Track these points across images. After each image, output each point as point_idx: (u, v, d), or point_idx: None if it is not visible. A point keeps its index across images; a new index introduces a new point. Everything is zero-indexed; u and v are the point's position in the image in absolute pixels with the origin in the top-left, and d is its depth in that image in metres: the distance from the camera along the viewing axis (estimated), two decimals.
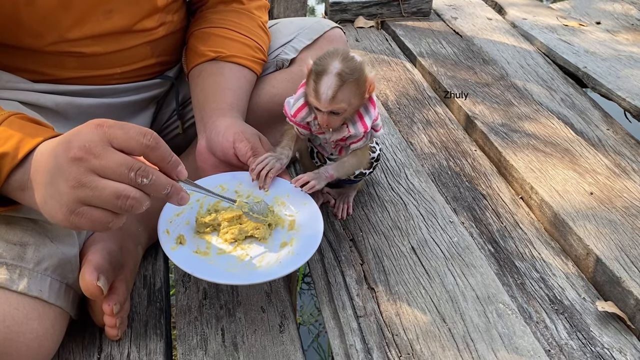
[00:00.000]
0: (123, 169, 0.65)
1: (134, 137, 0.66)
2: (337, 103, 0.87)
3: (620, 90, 1.60)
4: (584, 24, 2.12)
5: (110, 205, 0.66)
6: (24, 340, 0.73)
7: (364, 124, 0.92)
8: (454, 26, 2.10)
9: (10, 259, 0.75)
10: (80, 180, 0.64)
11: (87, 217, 0.66)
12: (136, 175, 0.66)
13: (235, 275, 0.82)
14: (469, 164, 1.34)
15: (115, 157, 0.65)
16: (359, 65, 0.88)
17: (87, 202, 0.65)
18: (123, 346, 0.85)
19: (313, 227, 0.88)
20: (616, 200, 1.16)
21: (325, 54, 0.89)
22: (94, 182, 0.64)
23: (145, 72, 1.06)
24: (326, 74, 0.86)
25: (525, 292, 1.00)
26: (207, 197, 0.91)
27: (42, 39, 0.90)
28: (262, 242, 0.88)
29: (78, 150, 0.64)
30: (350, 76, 0.86)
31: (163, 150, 0.68)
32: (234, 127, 0.93)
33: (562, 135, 1.40)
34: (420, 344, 0.85)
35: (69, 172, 0.64)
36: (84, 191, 0.64)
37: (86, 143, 0.64)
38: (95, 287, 0.78)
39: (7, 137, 0.70)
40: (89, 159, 0.64)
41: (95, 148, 0.64)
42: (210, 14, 1.09)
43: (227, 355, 0.84)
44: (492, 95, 1.59)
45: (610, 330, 0.93)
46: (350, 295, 0.94)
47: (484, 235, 1.12)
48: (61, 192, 0.65)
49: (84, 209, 0.65)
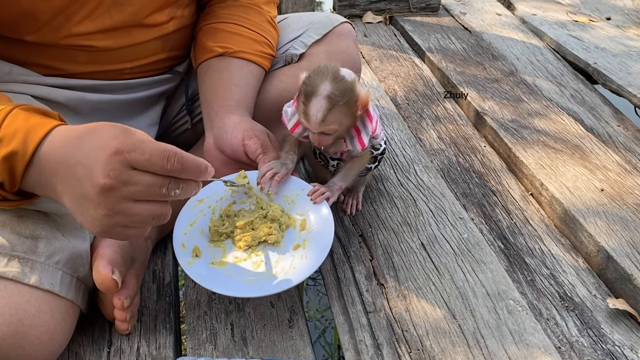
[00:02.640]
0: (155, 189, 0.65)
1: (158, 162, 0.64)
2: (327, 125, 0.86)
3: (631, 87, 1.59)
4: (594, 20, 2.11)
5: (146, 224, 0.69)
6: (35, 333, 0.73)
7: (361, 142, 0.91)
8: (463, 21, 2.09)
9: (22, 252, 0.75)
10: (114, 209, 0.65)
11: (122, 235, 0.68)
12: (168, 190, 0.66)
13: (252, 288, 0.83)
14: (478, 160, 1.34)
15: (144, 180, 0.65)
16: (349, 85, 0.85)
17: (123, 225, 0.67)
18: (133, 340, 0.86)
19: (324, 226, 0.88)
20: (627, 197, 1.16)
21: (315, 73, 0.86)
22: (129, 210, 0.65)
23: (155, 67, 1.06)
24: (315, 96, 0.84)
25: (536, 288, 0.99)
26: (218, 202, 0.94)
27: (55, 32, 0.90)
28: (275, 246, 0.89)
29: (105, 179, 0.63)
30: (340, 99, 0.84)
31: (189, 166, 0.67)
32: (243, 125, 0.93)
33: (572, 131, 1.39)
34: (430, 340, 0.85)
35: (99, 201, 0.64)
36: (119, 218, 0.66)
37: (110, 172, 0.63)
38: (111, 280, 0.79)
39: (13, 132, 0.69)
40: (118, 187, 0.64)
41: (121, 176, 0.63)
42: (219, 9, 1.09)
43: (237, 350, 0.84)
44: (501, 91, 1.58)
45: (622, 328, 0.92)
46: (359, 291, 0.93)
47: (494, 232, 1.12)
48: (93, 217, 0.66)
49: (118, 229, 0.67)
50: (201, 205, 0.93)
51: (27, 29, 0.89)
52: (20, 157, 0.68)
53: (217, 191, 0.94)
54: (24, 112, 0.72)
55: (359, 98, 0.87)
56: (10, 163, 0.69)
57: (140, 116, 1.09)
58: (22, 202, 0.75)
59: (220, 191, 0.95)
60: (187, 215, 0.91)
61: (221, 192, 0.95)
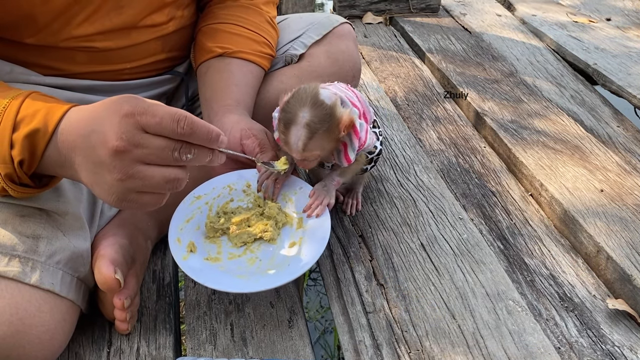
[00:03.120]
0: (167, 152, 0.66)
1: (168, 126, 0.64)
2: (309, 152, 0.84)
3: (631, 87, 1.59)
4: (594, 20, 2.11)
5: (161, 189, 0.68)
6: (35, 333, 0.73)
7: (347, 158, 0.91)
8: (463, 22, 2.09)
9: (22, 251, 0.75)
10: (127, 172, 0.65)
11: (138, 202, 0.68)
12: (180, 154, 0.66)
13: (245, 283, 0.82)
14: (478, 160, 1.34)
15: (156, 143, 0.65)
16: (329, 110, 0.83)
17: (137, 190, 0.67)
18: (132, 340, 0.86)
19: (321, 225, 0.88)
20: (627, 198, 1.16)
21: (294, 98, 0.83)
22: (141, 172, 0.65)
23: (155, 68, 1.06)
24: (294, 125, 0.82)
25: (535, 289, 0.99)
26: (215, 199, 0.93)
27: (55, 35, 0.90)
28: (271, 243, 0.88)
29: (117, 141, 0.63)
30: (320, 126, 0.82)
31: (200, 131, 0.67)
32: (241, 124, 0.94)
33: (572, 132, 1.39)
34: (430, 340, 0.85)
35: (113, 165, 0.65)
36: (133, 182, 0.65)
37: (123, 135, 0.64)
38: (113, 280, 0.79)
39: (33, 112, 0.70)
40: (130, 149, 0.64)
41: (134, 138, 0.64)
42: (218, 9, 1.09)
43: (237, 350, 0.85)
44: (501, 92, 1.59)
45: (621, 328, 0.92)
46: (359, 291, 0.93)
47: (494, 232, 1.12)
48: (109, 184, 0.66)
49: (133, 196, 0.67)
50: (198, 202, 0.93)
51: (27, 32, 0.89)
52: (42, 134, 0.69)
53: (215, 188, 0.95)
54: (41, 96, 0.73)
55: (341, 121, 0.84)
56: (32, 140, 0.70)
57: None
58: (32, 190, 0.76)
59: (218, 188, 0.95)
60: (184, 211, 0.91)
61: (219, 190, 0.95)
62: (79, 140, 0.68)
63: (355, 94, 0.96)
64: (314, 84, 0.87)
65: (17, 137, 0.69)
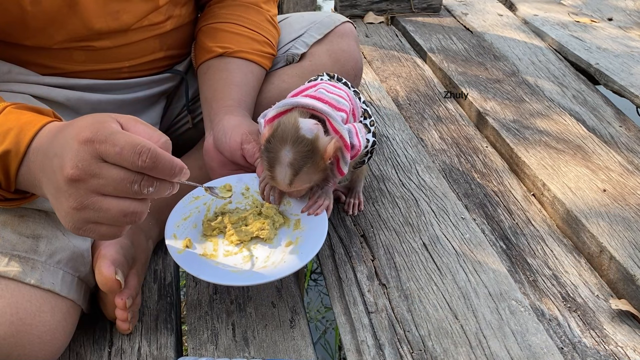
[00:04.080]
0: (126, 185, 0.60)
1: (129, 157, 0.59)
2: (297, 186, 0.85)
3: (633, 87, 1.58)
4: (596, 20, 2.10)
5: (117, 222, 0.63)
6: (36, 333, 0.73)
7: (340, 171, 0.91)
8: (465, 22, 2.09)
9: (23, 251, 0.75)
10: (82, 202, 0.61)
11: (95, 232, 0.63)
12: (141, 188, 0.61)
13: (240, 277, 0.82)
14: (480, 160, 1.33)
15: (114, 174, 0.60)
16: (310, 145, 0.82)
17: (93, 221, 0.62)
18: (134, 340, 0.85)
19: (318, 226, 0.88)
20: (629, 198, 1.15)
21: (274, 137, 0.82)
22: (97, 204, 0.61)
23: (154, 66, 1.06)
24: (278, 164, 0.82)
25: (538, 289, 0.99)
26: (213, 200, 0.93)
27: (50, 38, 0.90)
28: (267, 242, 0.88)
29: (72, 170, 0.59)
30: (303, 163, 0.82)
31: (163, 166, 0.61)
32: (241, 128, 0.93)
33: (574, 132, 1.39)
34: (432, 340, 0.85)
35: (69, 193, 0.61)
36: (88, 212, 0.61)
37: (79, 163, 0.59)
38: (114, 281, 0.79)
39: (6, 131, 0.67)
40: (86, 179, 0.60)
41: (89, 167, 0.59)
42: (218, 9, 1.09)
43: (238, 350, 0.84)
44: (503, 92, 1.58)
45: (624, 329, 0.92)
46: (361, 291, 0.93)
47: (496, 232, 1.12)
48: (65, 211, 0.62)
49: (90, 226, 0.63)
50: (197, 202, 0.93)
51: (21, 35, 0.88)
52: (14, 155, 0.66)
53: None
54: (16, 111, 0.69)
55: (326, 151, 0.84)
56: (4, 162, 0.67)
57: (140, 116, 1.09)
58: (22, 201, 0.75)
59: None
60: (182, 210, 0.91)
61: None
62: (45, 162, 0.64)
63: (342, 90, 0.94)
64: (294, 114, 0.85)
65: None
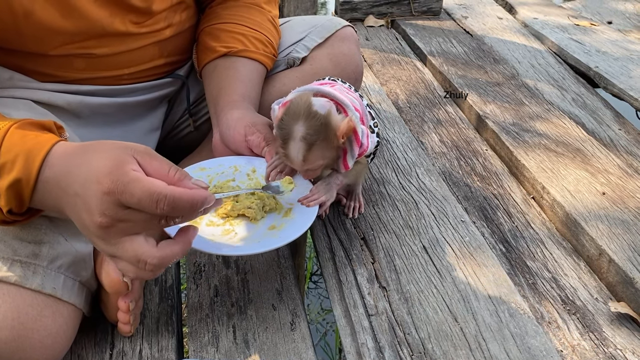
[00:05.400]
0: (152, 223, 0.64)
1: (147, 206, 0.62)
2: (310, 163, 0.86)
3: (632, 90, 1.59)
4: (595, 24, 2.11)
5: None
6: (37, 337, 0.73)
7: (345, 165, 0.91)
8: (465, 25, 2.09)
9: (24, 256, 0.75)
10: (112, 242, 0.65)
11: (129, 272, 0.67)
12: (167, 222, 0.65)
13: (210, 244, 0.83)
14: (480, 163, 1.34)
15: (139, 217, 0.63)
16: (324, 120, 0.83)
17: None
18: (135, 342, 0.86)
19: (306, 219, 0.89)
20: (629, 201, 1.16)
21: (287, 114, 0.84)
22: (123, 246, 0.65)
23: (154, 72, 1.06)
24: (292, 140, 0.83)
25: (537, 292, 0.99)
26: (218, 175, 0.94)
27: (46, 44, 0.90)
28: (252, 222, 0.89)
29: (101, 218, 0.62)
30: (316, 137, 0.83)
31: (182, 206, 0.63)
32: (245, 120, 0.94)
33: (573, 135, 1.39)
34: (432, 343, 0.85)
35: (99, 234, 0.64)
36: (118, 249, 0.65)
37: (105, 211, 0.62)
38: (122, 284, 0.79)
39: (13, 158, 0.67)
40: (115, 224, 0.63)
41: (116, 215, 0.62)
42: (221, 9, 1.09)
43: (239, 353, 0.85)
44: (503, 95, 1.59)
45: (623, 332, 0.92)
46: (361, 294, 0.93)
47: (496, 235, 1.12)
48: (97, 244, 0.66)
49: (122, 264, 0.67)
50: (201, 173, 0.94)
51: (17, 43, 0.88)
52: (25, 183, 0.67)
53: (222, 165, 0.96)
54: (19, 132, 0.69)
55: (339, 129, 0.84)
56: (17, 189, 0.68)
57: (142, 120, 1.09)
58: (31, 218, 0.75)
59: (224, 166, 0.96)
60: None
61: (225, 167, 0.96)
62: (64, 197, 0.66)
63: (354, 97, 0.96)
64: (306, 93, 0.86)
65: (1, 187, 0.67)
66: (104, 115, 1.03)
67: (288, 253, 1.03)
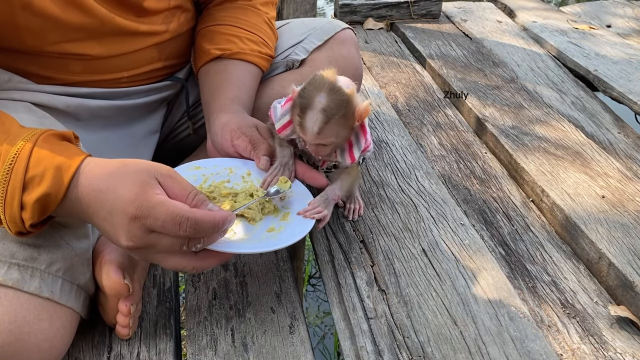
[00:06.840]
0: (176, 247, 0.70)
1: (170, 229, 0.67)
2: (324, 138, 0.85)
3: (631, 94, 1.59)
4: (595, 27, 2.11)
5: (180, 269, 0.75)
6: (34, 341, 0.73)
7: (351, 156, 0.90)
8: (464, 28, 2.09)
9: (22, 259, 0.75)
10: (145, 259, 0.76)
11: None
12: (189, 247, 0.71)
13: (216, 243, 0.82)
14: (479, 166, 1.34)
15: (163, 241, 0.69)
16: (346, 97, 0.83)
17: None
18: (133, 345, 0.85)
19: (304, 223, 0.89)
20: (628, 204, 1.15)
21: (311, 83, 0.84)
22: (158, 261, 0.73)
23: (153, 75, 1.05)
24: (311, 109, 0.82)
25: (537, 295, 0.99)
26: (213, 175, 0.94)
27: (42, 38, 0.89)
28: (251, 223, 0.88)
29: (128, 242, 0.68)
30: (337, 112, 0.82)
31: (204, 227, 0.69)
32: (230, 125, 0.94)
33: (573, 138, 1.39)
34: (432, 346, 0.85)
35: (130, 254, 0.74)
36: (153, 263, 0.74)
37: (133, 237, 0.68)
38: (123, 285, 0.79)
39: (42, 172, 0.70)
40: (143, 247, 0.69)
41: (142, 240, 0.68)
42: (217, 11, 1.09)
43: (237, 356, 0.84)
44: (502, 98, 1.59)
45: (623, 335, 0.92)
46: (360, 297, 0.93)
47: (495, 238, 1.12)
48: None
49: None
50: (196, 172, 0.93)
51: (14, 37, 0.87)
52: (54, 198, 0.70)
53: (217, 166, 0.95)
54: (46, 145, 0.72)
55: (358, 110, 0.84)
56: (44, 204, 0.70)
57: (141, 122, 1.09)
58: (43, 228, 0.77)
59: (220, 166, 0.95)
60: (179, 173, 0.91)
61: (220, 168, 0.95)
62: (93, 217, 0.71)
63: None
64: (331, 70, 0.86)
65: (28, 200, 0.70)
66: (103, 118, 1.02)
67: (287, 256, 1.03)
